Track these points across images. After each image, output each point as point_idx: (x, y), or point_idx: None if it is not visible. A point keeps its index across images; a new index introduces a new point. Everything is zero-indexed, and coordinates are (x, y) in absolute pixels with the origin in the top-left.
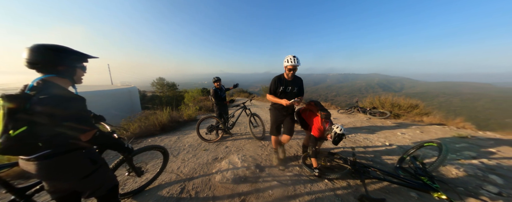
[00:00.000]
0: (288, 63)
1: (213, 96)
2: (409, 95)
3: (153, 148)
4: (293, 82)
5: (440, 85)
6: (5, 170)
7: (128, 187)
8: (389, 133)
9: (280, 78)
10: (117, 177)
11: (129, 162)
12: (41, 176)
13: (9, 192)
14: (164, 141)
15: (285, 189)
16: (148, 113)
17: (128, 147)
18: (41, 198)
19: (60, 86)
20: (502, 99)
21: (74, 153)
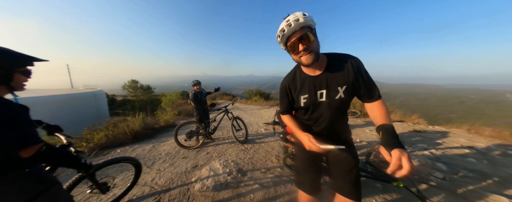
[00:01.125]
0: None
1: (193, 100)
2: None
3: (121, 161)
4: (326, 76)
5: (400, 86)
6: None
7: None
8: (359, 131)
9: (293, 77)
10: (77, 195)
11: (90, 178)
12: None
13: None
14: (136, 151)
15: (266, 191)
16: (118, 120)
17: (85, 162)
18: None
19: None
20: (448, 98)
21: (14, 173)
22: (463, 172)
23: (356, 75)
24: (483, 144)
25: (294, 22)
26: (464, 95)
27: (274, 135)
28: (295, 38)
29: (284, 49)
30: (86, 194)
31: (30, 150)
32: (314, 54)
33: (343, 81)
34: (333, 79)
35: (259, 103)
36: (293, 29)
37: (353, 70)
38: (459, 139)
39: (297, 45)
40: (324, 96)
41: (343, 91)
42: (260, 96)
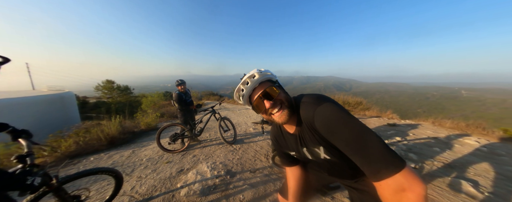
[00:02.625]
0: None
1: (177, 100)
2: (355, 94)
3: (97, 172)
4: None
5: (376, 85)
6: None
7: None
8: None
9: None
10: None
11: (55, 192)
12: None
13: None
14: (113, 158)
15: (255, 191)
16: (90, 125)
17: (33, 183)
18: None
19: None
20: (415, 95)
21: None
22: (430, 160)
23: (327, 135)
24: (445, 134)
25: (250, 79)
26: (428, 92)
27: (263, 134)
28: (257, 96)
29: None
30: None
31: None
32: (288, 109)
33: (314, 141)
34: (307, 138)
35: None
36: (252, 87)
37: (322, 127)
38: (426, 131)
39: (261, 104)
40: (309, 155)
41: (325, 153)
42: None
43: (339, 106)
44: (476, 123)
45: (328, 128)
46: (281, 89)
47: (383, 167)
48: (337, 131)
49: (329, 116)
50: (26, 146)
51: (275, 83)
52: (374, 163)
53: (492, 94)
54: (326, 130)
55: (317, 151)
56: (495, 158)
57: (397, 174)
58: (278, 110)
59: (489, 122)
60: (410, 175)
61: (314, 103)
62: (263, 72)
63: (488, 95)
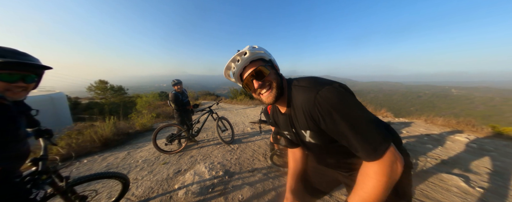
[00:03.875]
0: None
1: (173, 101)
2: None
3: (101, 177)
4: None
5: (370, 84)
6: None
7: None
8: None
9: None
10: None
11: (63, 196)
12: None
13: None
14: (107, 160)
15: (254, 190)
16: (83, 126)
17: (35, 198)
18: None
19: None
20: (408, 93)
21: None
22: (423, 157)
23: (321, 119)
24: (437, 132)
25: (241, 57)
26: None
27: (261, 134)
28: (247, 75)
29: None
30: None
31: None
32: (276, 90)
33: (304, 124)
34: (296, 120)
35: (245, 102)
36: (242, 65)
37: (317, 111)
38: (419, 128)
39: (251, 83)
40: (299, 136)
41: (310, 136)
42: (246, 95)
43: (339, 88)
44: (466, 120)
45: (328, 113)
46: (273, 69)
47: (381, 144)
48: (337, 117)
49: (330, 101)
50: (43, 148)
51: (268, 62)
52: (372, 142)
53: (480, 92)
54: (325, 114)
55: (303, 133)
56: (485, 154)
57: (391, 147)
58: (266, 90)
59: (478, 120)
60: (393, 146)
61: (313, 87)
62: (255, 50)
63: (477, 93)
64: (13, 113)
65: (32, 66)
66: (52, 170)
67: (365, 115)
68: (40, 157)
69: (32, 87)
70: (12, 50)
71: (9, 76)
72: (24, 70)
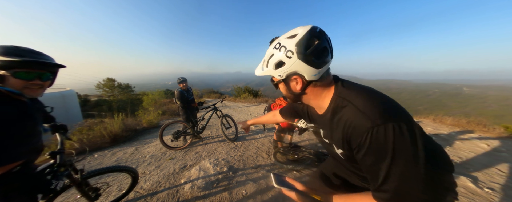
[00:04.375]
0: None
1: (179, 98)
2: None
3: (112, 171)
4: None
5: (376, 82)
6: None
7: None
8: None
9: None
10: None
11: (78, 188)
12: None
13: None
14: (116, 155)
15: (258, 186)
16: (93, 122)
17: (55, 188)
18: None
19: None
20: (416, 92)
21: None
22: None
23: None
24: (446, 131)
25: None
26: (430, 89)
27: (264, 131)
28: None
29: None
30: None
31: (2, 169)
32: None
33: (338, 143)
34: (331, 131)
35: (248, 100)
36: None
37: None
38: (427, 128)
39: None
40: (329, 144)
41: (341, 154)
42: (249, 93)
43: (405, 132)
44: (477, 120)
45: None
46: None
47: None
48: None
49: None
50: (60, 143)
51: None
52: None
53: (494, 91)
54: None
55: (334, 148)
56: (495, 155)
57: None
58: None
59: (490, 119)
60: None
61: (372, 117)
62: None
63: (491, 92)
64: (31, 110)
65: (47, 64)
66: (68, 163)
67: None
68: (58, 150)
69: (47, 85)
70: (28, 49)
71: (26, 74)
72: (40, 69)
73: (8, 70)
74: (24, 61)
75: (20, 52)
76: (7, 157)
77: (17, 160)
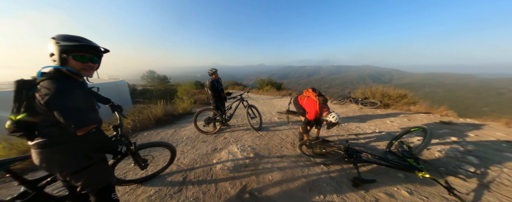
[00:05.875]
0: None
1: (210, 88)
2: (398, 86)
3: (160, 145)
4: None
5: (425, 76)
6: (17, 163)
7: (134, 176)
8: (379, 122)
9: None
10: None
11: (132, 156)
12: (39, 165)
13: (21, 184)
14: (160, 135)
15: (284, 174)
16: (141, 107)
17: (121, 151)
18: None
19: (63, 76)
20: (482, 89)
21: (67, 146)
22: (497, 166)
23: None
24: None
25: None
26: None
27: (288, 124)
28: None
29: None
30: (131, 166)
31: (82, 130)
32: None
33: None
34: None
35: (271, 93)
36: None
37: None
38: (495, 132)
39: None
40: None
41: None
42: (272, 86)
43: None
44: None
45: None
46: None
47: None
48: None
49: None
50: (118, 119)
51: None
52: None
53: None
54: None
55: None
56: None
57: None
58: None
59: None
60: None
61: None
62: None
63: None
64: (87, 88)
65: (97, 49)
66: (126, 136)
67: None
68: (118, 124)
69: (96, 67)
70: (82, 37)
71: (81, 57)
72: (91, 53)
73: (69, 54)
74: (81, 45)
75: (76, 38)
76: (88, 119)
77: (93, 124)
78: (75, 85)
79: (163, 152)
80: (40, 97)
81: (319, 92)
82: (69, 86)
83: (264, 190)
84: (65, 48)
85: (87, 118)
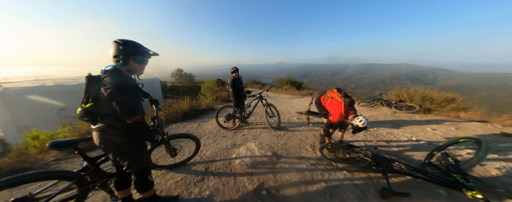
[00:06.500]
0: None
1: (231, 86)
2: (444, 87)
3: (188, 137)
4: None
5: (483, 76)
6: (82, 143)
7: (164, 162)
8: (416, 128)
9: None
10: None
11: (165, 144)
12: (99, 145)
13: (85, 160)
14: (186, 128)
15: (302, 175)
16: (171, 102)
17: (157, 139)
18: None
19: (122, 74)
20: None
21: (120, 131)
22: None
23: None
24: None
25: None
26: None
27: (308, 125)
28: None
29: None
30: (163, 153)
31: (132, 119)
32: None
33: None
34: None
35: (290, 92)
36: None
37: None
38: None
39: None
40: None
41: None
42: (292, 85)
43: None
44: None
45: None
46: None
47: None
48: None
49: None
50: (155, 111)
51: None
52: None
53: None
54: None
55: None
56: None
57: None
58: None
59: None
60: None
61: None
62: None
63: None
64: (136, 84)
65: (149, 53)
66: (161, 126)
67: None
68: (155, 116)
69: (144, 68)
70: (137, 42)
71: (140, 60)
72: (146, 57)
73: (132, 56)
74: (142, 51)
75: (136, 44)
76: (136, 110)
77: (140, 114)
78: (130, 82)
79: (188, 143)
80: (104, 90)
81: (345, 93)
82: (125, 82)
83: (281, 189)
84: (129, 51)
85: (136, 109)
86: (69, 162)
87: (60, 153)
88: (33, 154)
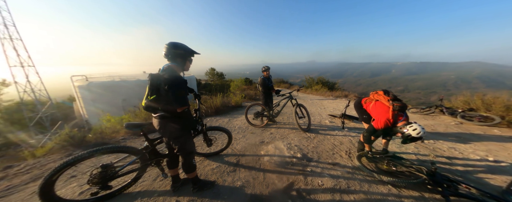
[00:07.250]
0: None
1: (261, 84)
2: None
3: (222, 130)
4: None
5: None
6: (145, 126)
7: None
8: (495, 146)
9: None
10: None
11: (204, 135)
12: (158, 130)
13: (146, 141)
14: (218, 122)
15: (336, 183)
16: (205, 98)
17: (198, 129)
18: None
19: (175, 71)
20: None
21: (174, 119)
22: None
23: None
24: None
25: None
26: None
27: (343, 129)
28: None
29: None
30: (201, 142)
31: (180, 109)
32: None
33: None
34: None
35: (321, 93)
36: None
37: None
38: None
39: None
40: None
41: None
42: (323, 85)
43: None
44: None
45: None
46: None
47: None
48: None
49: None
50: (198, 104)
51: None
52: None
53: None
54: None
55: None
56: None
57: None
58: None
59: None
60: None
61: None
62: None
63: None
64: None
65: (194, 53)
66: (201, 118)
67: None
68: (198, 108)
69: (190, 65)
70: (186, 45)
71: (188, 58)
72: (193, 56)
73: (187, 57)
74: (193, 52)
75: (186, 47)
76: (185, 102)
77: (187, 105)
78: (181, 77)
79: (221, 136)
80: (163, 84)
81: (393, 95)
82: (178, 77)
83: (312, 193)
84: (184, 53)
85: (185, 100)
86: (132, 141)
87: (126, 133)
88: (108, 133)
